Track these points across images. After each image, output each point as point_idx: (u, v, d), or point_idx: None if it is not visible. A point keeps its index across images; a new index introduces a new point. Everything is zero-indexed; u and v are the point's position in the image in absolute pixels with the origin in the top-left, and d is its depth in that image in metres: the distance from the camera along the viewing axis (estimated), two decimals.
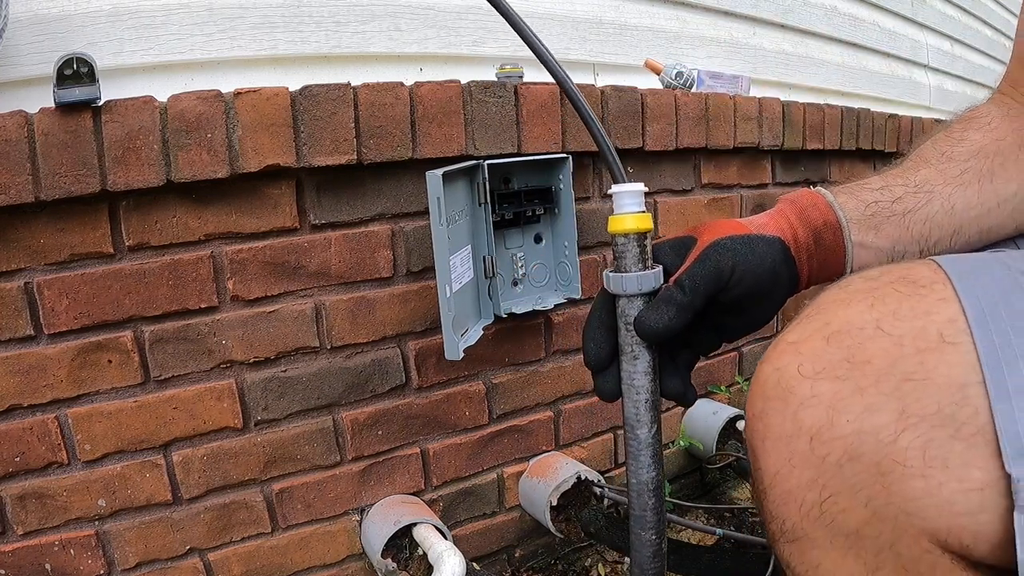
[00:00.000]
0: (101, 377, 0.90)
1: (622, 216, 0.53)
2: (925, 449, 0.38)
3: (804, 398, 0.42)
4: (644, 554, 0.55)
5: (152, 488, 0.94)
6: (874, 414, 0.40)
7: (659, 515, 0.55)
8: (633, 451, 0.54)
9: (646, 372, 0.53)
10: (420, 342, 1.10)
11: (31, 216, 0.84)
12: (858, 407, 0.40)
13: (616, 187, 0.54)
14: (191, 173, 0.87)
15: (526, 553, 1.29)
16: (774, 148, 1.51)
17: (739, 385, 1.56)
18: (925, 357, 0.40)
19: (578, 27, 1.54)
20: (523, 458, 1.25)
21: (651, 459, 0.54)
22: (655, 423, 0.54)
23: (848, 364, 0.41)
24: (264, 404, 0.99)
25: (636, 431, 0.54)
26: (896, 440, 0.39)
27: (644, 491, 0.54)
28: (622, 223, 0.53)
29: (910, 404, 0.39)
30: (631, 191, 0.54)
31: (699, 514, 1.46)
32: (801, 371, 0.42)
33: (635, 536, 0.55)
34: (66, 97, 0.79)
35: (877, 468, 0.39)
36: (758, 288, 0.53)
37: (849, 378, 0.41)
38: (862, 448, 0.40)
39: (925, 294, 0.42)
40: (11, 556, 0.88)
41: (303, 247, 0.99)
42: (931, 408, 0.39)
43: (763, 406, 0.44)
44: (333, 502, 1.07)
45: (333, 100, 0.94)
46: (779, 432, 0.43)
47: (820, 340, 0.43)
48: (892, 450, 0.39)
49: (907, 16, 2.53)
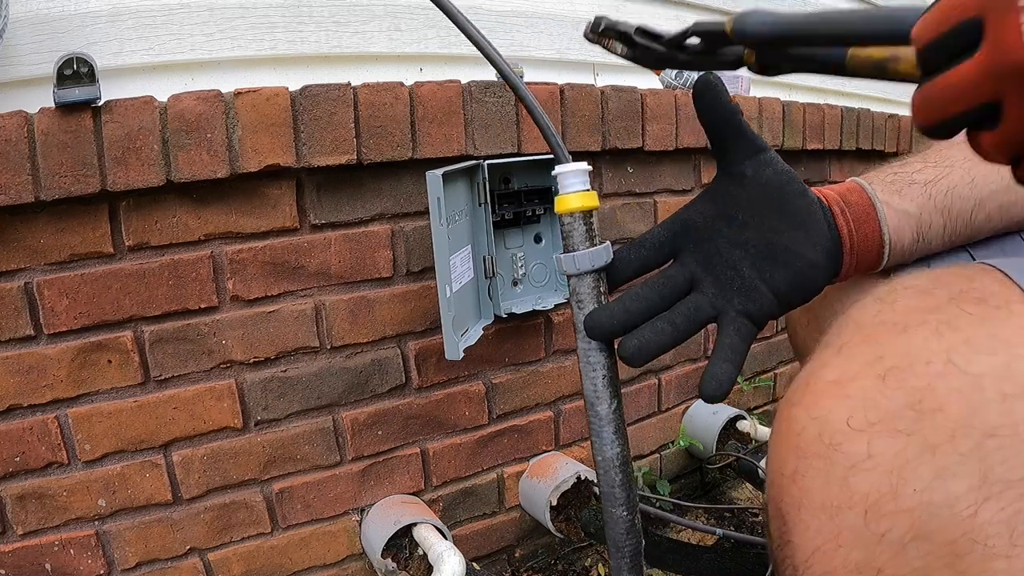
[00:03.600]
0: (101, 377, 0.90)
1: (567, 196, 0.53)
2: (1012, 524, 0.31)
3: (858, 459, 0.33)
4: (617, 531, 0.55)
5: (152, 488, 0.94)
6: (949, 480, 0.32)
7: (628, 491, 0.55)
8: (595, 428, 0.54)
9: (601, 348, 0.53)
10: (420, 342, 1.10)
11: (31, 216, 0.84)
12: (929, 472, 0.32)
13: (560, 167, 0.53)
14: (191, 173, 0.87)
15: (526, 553, 1.29)
16: (774, 148, 1.51)
17: (739, 385, 1.56)
18: (1013, 405, 0.31)
19: (578, 27, 1.54)
20: (523, 458, 1.25)
21: (614, 434, 0.54)
22: (615, 398, 0.54)
23: (914, 413, 0.33)
24: (264, 404, 0.99)
25: (596, 408, 0.54)
26: (976, 514, 0.31)
27: (610, 467, 0.54)
28: (567, 203, 0.53)
29: (994, 467, 0.31)
30: (574, 170, 0.53)
31: (699, 514, 1.46)
32: (852, 423, 0.34)
33: (607, 514, 0.55)
34: (66, 97, 0.79)
35: (951, 548, 0.32)
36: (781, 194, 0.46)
37: (916, 432, 0.32)
38: (932, 524, 0.32)
39: (1002, 317, 0.33)
40: (11, 556, 0.88)
41: (303, 247, 0.99)
42: (1020, 472, 0.31)
43: (798, 466, 0.36)
44: (333, 502, 1.07)
45: (333, 100, 0.94)
46: (822, 501, 0.34)
47: (873, 379, 0.34)
48: (971, 526, 0.31)
49: None
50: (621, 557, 0.56)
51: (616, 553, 0.56)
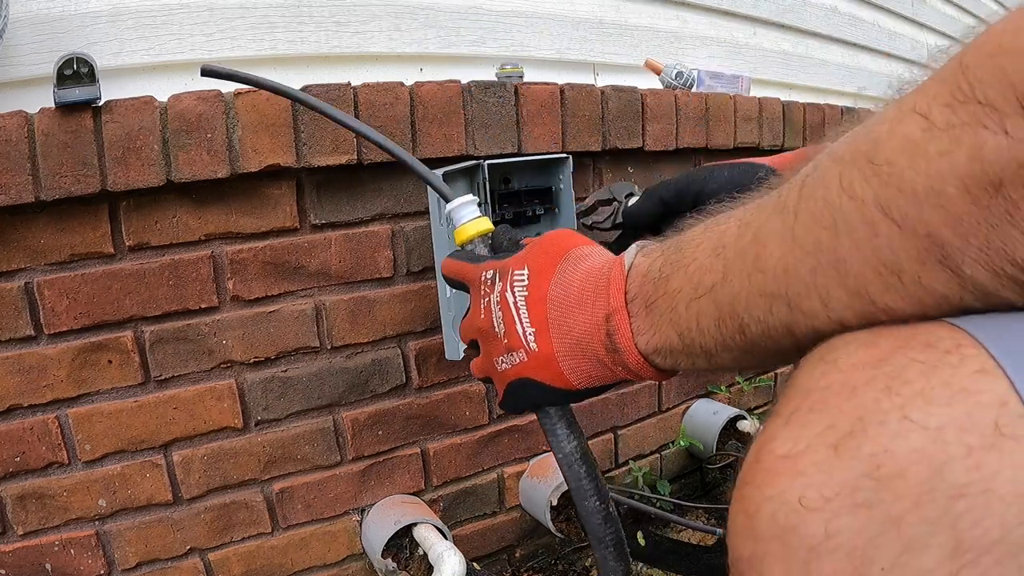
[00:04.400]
0: (101, 377, 0.90)
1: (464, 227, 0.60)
2: None
3: (816, 541, 0.30)
4: (595, 522, 0.56)
5: (152, 488, 0.94)
6: (918, 554, 0.29)
7: (595, 480, 0.56)
8: (549, 428, 0.55)
9: None
10: (420, 342, 1.10)
11: (31, 216, 0.84)
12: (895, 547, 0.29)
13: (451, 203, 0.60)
14: (191, 173, 0.87)
15: (526, 553, 1.29)
16: (774, 148, 1.51)
17: (739, 385, 1.56)
18: (980, 459, 0.28)
19: (578, 27, 1.54)
20: (523, 458, 1.25)
21: (567, 430, 0.55)
22: None
23: (872, 482, 0.30)
24: (264, 404, 0.99)
25: (546, 409, 0.55)
26: None
27: (572, 462, 0.55)
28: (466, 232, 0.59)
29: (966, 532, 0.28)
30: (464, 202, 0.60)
31: (699, 514, 1.46)
32: (805, 502, 0.31)
33: (582, 509, 0.57)
34: (66, 97, 0.79)
35: None
36: None
37: (877, 504, 0.29)
38: None
39: (955, 363, 0.30)
40: (11, 556, 0.88)
41: (303, 247, 0.99)
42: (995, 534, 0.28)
43: (755, 550, 0.33)
44: (333, 502, 1.07)
45: (333, 100, 0.94)
46: None
47: (825, 450, 0.31)
48: None
49: (907, 16, 2.53)
50: (604, 548, 0.57)
51: (599, 545, 0.57)
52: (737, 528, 0.34)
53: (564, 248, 0.51)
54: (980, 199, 0.29)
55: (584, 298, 0.48)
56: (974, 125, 0.28)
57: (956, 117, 0.29)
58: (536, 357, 0.50)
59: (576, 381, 0.50)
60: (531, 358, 0.50)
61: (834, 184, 0.34)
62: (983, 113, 0.28)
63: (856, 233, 0.33)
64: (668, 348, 0.44)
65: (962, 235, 0.30)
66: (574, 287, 0.48)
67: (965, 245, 0.30)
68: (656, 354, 0.45)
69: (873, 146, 0.32)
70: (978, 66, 0.28)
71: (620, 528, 0.57)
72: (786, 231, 0.36)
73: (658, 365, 0.46)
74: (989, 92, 0.28)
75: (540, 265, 0.51)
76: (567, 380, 0.50)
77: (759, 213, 0.38)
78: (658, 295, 0.44)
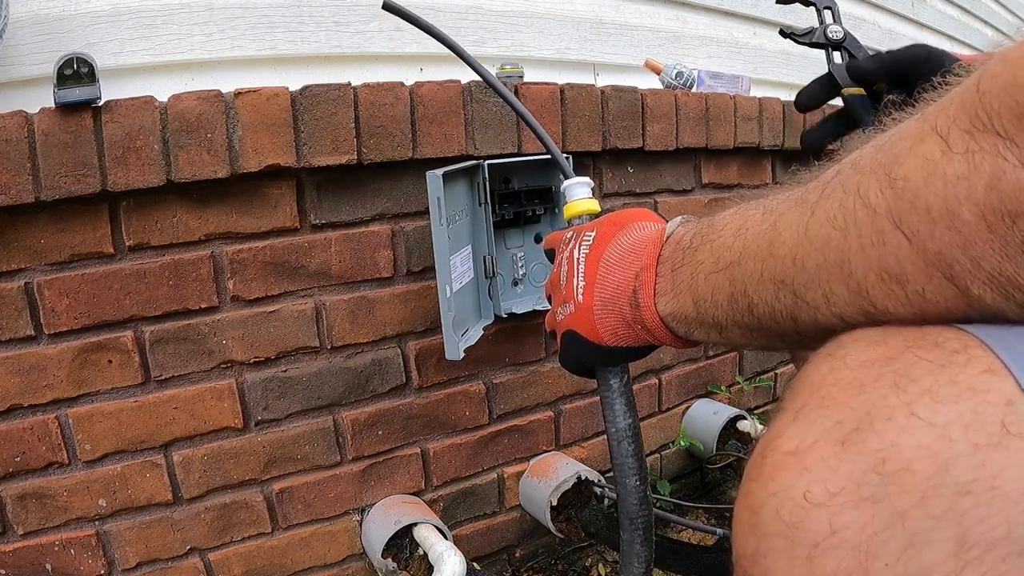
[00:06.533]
0: (101, 377, 0.90)
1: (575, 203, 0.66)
2: None
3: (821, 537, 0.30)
4: (631, 502, 0.57)
5: (152, 488, 0.94)
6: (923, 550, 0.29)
7: (640, 461, 0.57)
8: (608, 401, 0.57)
9: None
10: (420, 342, 1.10)
11: (31, 216, 0.84)
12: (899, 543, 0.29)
13: (569, 181, 0.67)
14: (191, 173, 0.87)
15: (526, 553, 1.29)
16: (775, 148, 1.51)
17: (739, 385, 1.56)
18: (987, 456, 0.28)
19: (578, 27, 1.54)
20: (523, 458, 1.25)
21: (625, 407, 0.57)
22: (624, 372, 0.58)
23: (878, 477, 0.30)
24: (264, 404, 0.99)
25: (609, 381, 0.57)
26: None
27: (623, 438, 0.57)
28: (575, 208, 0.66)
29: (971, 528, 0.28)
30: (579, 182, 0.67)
31: (699, 514, 1.46)
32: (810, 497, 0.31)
33: (620, 486, 0.58)
34: (66, 97, 0.79)
35: None
36: None
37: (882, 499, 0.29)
38: None
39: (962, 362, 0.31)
40: (11, 556, 0.88)
41: (303, 247, 0.99)
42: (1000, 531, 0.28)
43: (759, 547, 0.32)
44: (333, 502, 1.07)
45: (333, 100, 0.94)
46: None
47: (832, 446, 0.31)
48: None
49: (907, 16, 2.53)
50: (634, 529, 0.57)
51: (629, 525, 0.57)
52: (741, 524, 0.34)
53: (630, 219, 0.56)
54: (996, 228, 0.29)
55: (625, 258, 0.53)
56: (993, 155, 0.29)
57: (975, 143, 0.30)
58: (580, 308, 0.55)
59: (605, 335, 0.54)
60: (577, 309, 0.55)
61: (852, 190, 0.35)
62: (1003, 145, 0.29)
63: (864, 238, 0.34)
64: (684, 315, 0.48)
65: (973, 258, 0.30)
66: (623, 249, 0.53)
67: (976, 268, 0.31)
68: (672, 318, 0.49)
69: (892, 160, 0.33)
70: (994, 96, 0.29)
71: (652, 514, 0.58)
72: (801, 225, 0.38)
73: (674, 330, 0.50)
74: (1008, 127, 0.29)
75: (605, 231, 0.56)
76: (599, 334, 0.54)
77: (783, 203, 0.41)
78: (684, 262, 0.48)
